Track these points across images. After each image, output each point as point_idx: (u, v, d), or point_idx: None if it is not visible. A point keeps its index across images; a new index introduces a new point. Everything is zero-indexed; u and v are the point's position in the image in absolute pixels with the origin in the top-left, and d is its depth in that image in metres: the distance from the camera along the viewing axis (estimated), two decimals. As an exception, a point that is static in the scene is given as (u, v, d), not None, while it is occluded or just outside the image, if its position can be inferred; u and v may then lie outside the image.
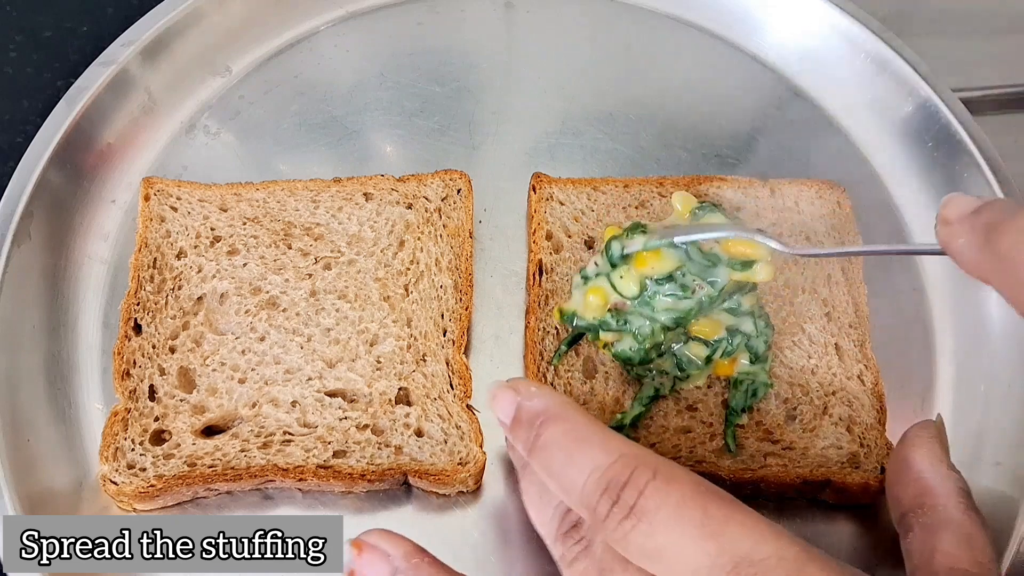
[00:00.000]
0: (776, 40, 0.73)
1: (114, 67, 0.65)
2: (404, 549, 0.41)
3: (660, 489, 0.38)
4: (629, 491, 0.38)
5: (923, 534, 0.44)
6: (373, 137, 0.69)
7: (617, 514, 0.38)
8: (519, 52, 0.73)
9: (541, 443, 0.41)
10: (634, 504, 0.38)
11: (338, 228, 0.62)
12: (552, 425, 0.41)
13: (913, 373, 0.61)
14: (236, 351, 0.57)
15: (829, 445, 0.56)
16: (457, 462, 0.54)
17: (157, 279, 0.60)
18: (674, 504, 0.37)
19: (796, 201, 0.64)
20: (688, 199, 0.60)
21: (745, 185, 0.64)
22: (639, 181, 0.65)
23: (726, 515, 0.37)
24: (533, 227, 0.63)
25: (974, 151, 0.64)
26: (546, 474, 0.41)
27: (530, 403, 0.43)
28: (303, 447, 0.54)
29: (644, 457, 0.39)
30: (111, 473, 0.53)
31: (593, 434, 0.41)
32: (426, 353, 0.58)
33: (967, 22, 0.78)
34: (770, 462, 0.55)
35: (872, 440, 0.56)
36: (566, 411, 0.42)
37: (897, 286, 0.64)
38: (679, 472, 0.39)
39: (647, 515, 0.37)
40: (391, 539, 0.41)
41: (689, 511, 0.37)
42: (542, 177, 0.65)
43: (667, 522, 0.37)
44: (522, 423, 0.43)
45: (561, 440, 0.41)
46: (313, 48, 0.72)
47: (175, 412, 0.55)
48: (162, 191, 0.63)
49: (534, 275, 0.61)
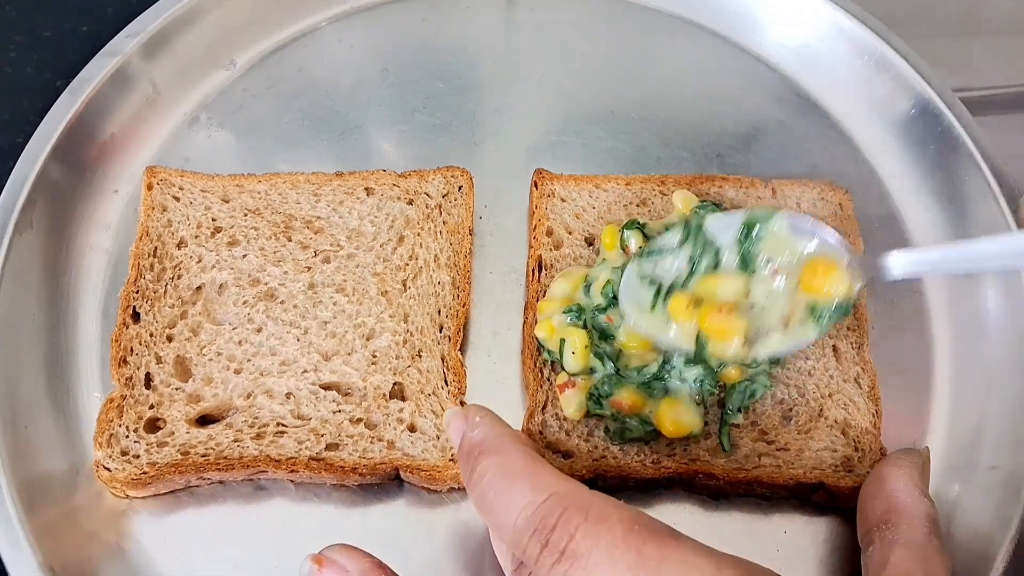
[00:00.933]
0: (777, 40, 0.73)
1: (118, 58, 0.66)
2: (363, 565, 0.41)
3: (591, 532, 0.37)
4: (559, 533, 0.37)
5: (881, 548, 0.44)
6: (375, 132, 0.69)
7: (548, 558, 0.37)
8: (521, 50, 0.73)
9: (475, 477, 0.41)
10: (564, 548, 0.37)
11: (338, 222, 0.62)
12: (485, 459, 0.41)
13: (911, 376, 0.60)
14: (233, 341, 0.58)
15: (824, 448, 0.55)
16: (449, 458, 0.54)
17: (157, 268, 0.60)
18: (606, 547, 0.37)
19: (798, 202, 0.64)
20: (689, 198, 0.60)
21: (747, 185, 0.64)
22: (641, 179, 0.65)
23: (660, 555, 0.37)
24: (534, 223, 0.63)
25: (974, 151, 0.64)
26: (480, 509, 0.41)
27: (471, 434, 0.42)
28: (296, 439, 0.55)
29: (575, 496, 0.39)
30: (105, 459, 0.53)
31: (525, 470, 0.40)
32: (422, 349, 0.58)
33: (967, 22, 0.78)
34: (764, 462, 0.55)
35: (867, 444, 0.56)
36: (503, 444, 0.41)
37: (896, 288, 0.63)
38: (611, 511, 0.38)
39: (580, 559, 0.37)
40: (351, 554, 0.41)
41: (622, 553, 0.36)
42: (544, 173, 0.65)
43: (600, 565, 0.36)
44: (462, 454, 0.42)
45: (493, 475, 0.40)
46: (317, 43, 0.73)
47: (170, 400, 0.56)
48: (165, 180, 0.63)
49: (533, 271, 0.61)
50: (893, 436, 0.57)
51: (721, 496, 0.56)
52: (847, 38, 0.71)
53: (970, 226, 0.64)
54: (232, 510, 0.55)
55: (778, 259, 0.49)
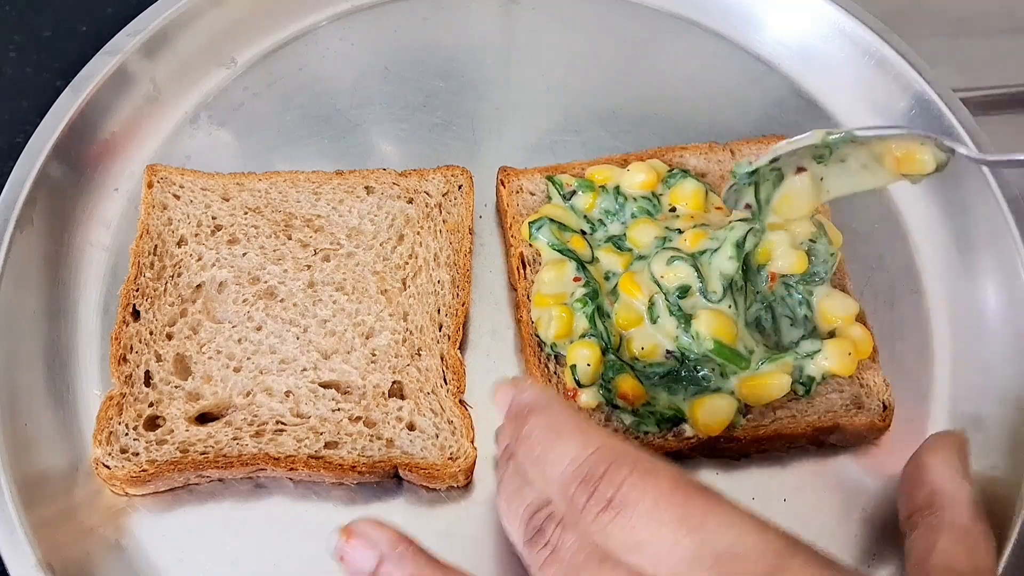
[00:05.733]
0: (777, 39, 0.73)
1: (119, 57, 0.65)
2: (390, 537, 0.42)
3: (638, 483, 0.38)
4: (606, 483, 0.38)
5: (926, 533, 0.44)
6: (375, 131, 0.69)
7: (594, 506, 0.38)
8: (522, 49, 0.73)
9: (524, 433, 0.42)
10: (612, 497, 0.38)
11: (338, 220, 0.62)
12: (534, 416, 0.42)
13: (910, 376, 0.60)
14: (232, 340, 0.58)
15: (831, 390, 0.56)
16: (448, 457, 0.54)
17: (157, 266, 0.60)
18: (653, 498, 0.37)
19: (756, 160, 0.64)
20: (660, 167, 0.62)
21: (706, 151, 0.65)
22: (603, 161, 0.64)
23: (706, 508, 0.37)
24: (508, 221, 0.63)
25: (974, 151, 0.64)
26: (529, 463, 0.42)
27: (521, 396, 0.43)
28: (295, 437, 0.55)
29: (623, 450, 0.39)
30: (104, 457, 0.53)
31: (574, 426, 0.41)
32: (421, 347, 0.58)
33: (967, 22, 0.78)
34: (780, 415, 0.55)
35: (870, 378, 0.56)
36: (552, 403, 0.43)
37: (896, 288, 0.64)
38: (658, 465, 0.39)
39: (626, 509, 0.37)
40: (379, 527, 0.43)
41: (669, 505, 0.37)
42: (509, 171, 0.64)
43: (646, 516, 0.37)
44: (511, 416, 0.43)
45: (543, 430, 0.41)
46: (318, 41, 0.73)
47: (170, 398, 0.56)
48: (165, 179, 0.63)
49: (518, 269, 0.61)
50: (894, 436, 0.57)
51: (743, 456, 0.56)
52: (847, 38, 0.71)
53: (970, 226, 0.64)
54: (231, 508, 0.55)
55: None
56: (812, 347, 0.55)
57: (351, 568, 0.43)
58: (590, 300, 0.57)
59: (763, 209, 0.55)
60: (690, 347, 0.55)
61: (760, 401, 0.55)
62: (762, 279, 0.58)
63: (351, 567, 0.43)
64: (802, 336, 0.57)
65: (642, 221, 0.60)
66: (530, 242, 0.61)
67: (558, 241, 0.59)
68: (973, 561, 0.42)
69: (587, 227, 0.62)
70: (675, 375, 0.56)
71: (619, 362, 0.56)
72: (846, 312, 0.57)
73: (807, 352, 0.55)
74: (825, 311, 0.57)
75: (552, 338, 0.57)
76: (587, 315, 0.56)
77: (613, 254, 0.59)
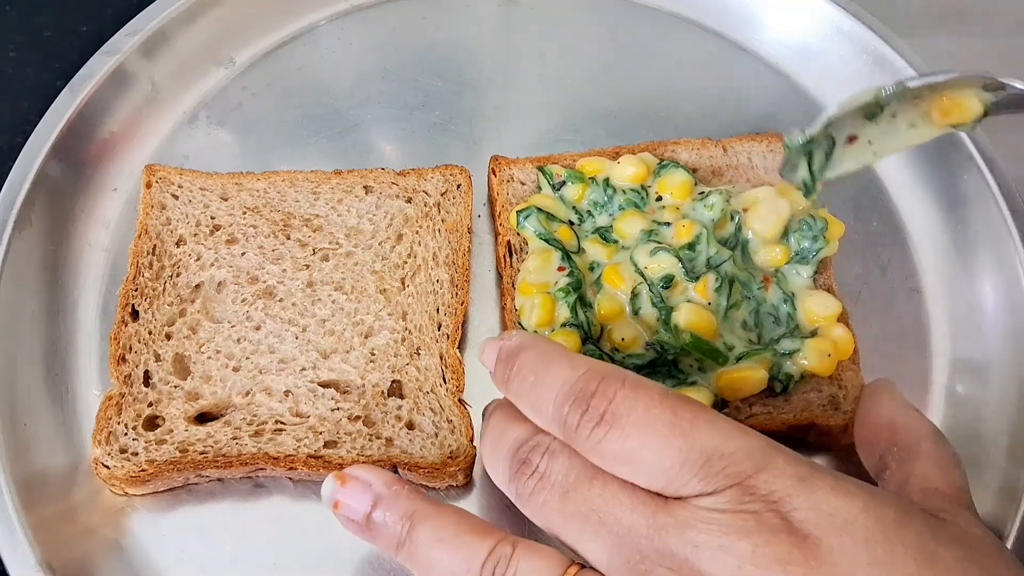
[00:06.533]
0: (777, 38, 0.73)
1: (117, 57, 0.65)
2: (385, 478, 0.44)
3: (629, 395, 0.39)
4: (598, 399, 0.39)
5: (898, 467, 0.45)
6: (374, 131, 0.69)
7: (588, 423, 0.39)
8: (521, 48, 0.73)
9: (514, 371, 0.43)
10: (604, 411, 0.38)
11: (337, 220, 0.62)
12: (524, 352, 0.43)
13: (910, 376, 0.60)
14: (231, 339, 0.58)
15: (809, 389, 0.56)
16: (447, 455, 0.54)
17: (156, 266, 0.60)
18: (643, 408, 0.38)
19: (749, 156, 0.65)
20: (650, 160, 0.62)
21: (698, 146, 0.65)
22: (595, 153, 0.64)
23: (694, 415, 0.38)
24: (498, 209, 0.63)
25: (973, 151, 0.64)
26: (518, 399, 0.42)
27: (507, 342, 0.44)
28: (294, 436, 0.55)
29: (611, 369, 0.40)
30: (103, 457, 0.53)
31: (562, 354, 0.42)
32: (420, 347, 0.58)
33: (967, 22, 0.77)
34: (756, 411, 0.55)
35: (849, 380, 0.56)
36: (539, 340, 0.44)
37: (896, 287, 0.64)
38: (646, 380, 0.40)
39: (619, 420, 0.38)
40: (372, 470, 0.44)
41: (658, 413, 0.38)
42: (500, 159, 0.65)
43: (638, 425, 0.38)
44: (502, 360, 0.44)
45: (531, 364, 0.42)
46: (316, 41, 0.73)
47: (169, 398, 0.56)
48: (164, 179, 0.63)
49: (504, 257, 0.61)
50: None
51: None
52: (847, 37, 0.71)
53: (969, 226, 0.64)
54: (230, 507, 0.55)
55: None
56: (792, 345, 0.56)
57: (347, 513, 0.43)
58: (572, 290, 0.57)
59: (816, 180, 0.54)
60: (669, 340, 0.55)
61: (736, 395, 0.55)
62: (756, 282, 0.58)
63: (347, 512, 0.43)
64: (783, 334, 0.57)
65: (629, 213, 0.60)
66: (517, 231, 0.61)
67: (545, 230, 0.59)
68: (948, 479, 0.43)
69: (575, 218, 0.62)
70: (654, 367, 0.56)
71: (598, 352, 0.56)
72: (829, 312, 0.57)
73: (787, 350, 0.56)
74: (808, 310, 0.57)
75: (534, 326, 0.57)
76: (569, 304, 0.56)
77: (599, 245, 0.60)
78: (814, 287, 0.58)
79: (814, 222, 0.58)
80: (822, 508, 0.36)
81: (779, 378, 0.56)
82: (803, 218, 0.58)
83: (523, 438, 0.42)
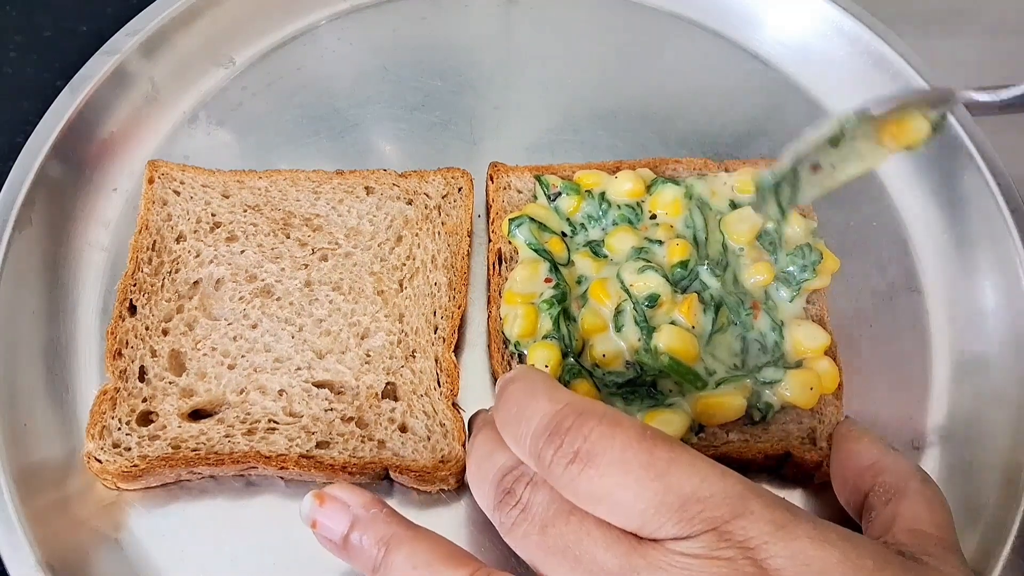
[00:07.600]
0: (776, 38, 0.73)
1: (117, 56, 0.66)
2: (363, 500, 0.44)
3: (606, 433, 0.38)
4: (573, 435, 0.39)
5: (884, 509, 0.45)
6: (374, 131, 0.69)
7: (561, 459, 0.38)
8: (521, 48, 0.73)
9: (501, 401, 0.43)
10: (579, 449, 0.38)
11: (337, 220, 0.62)
12: (512, 384, 0.43)
13: (909, 376, 0.60)
14: (228, 337, 0.58)
15: (789, 420, 0.55)
16: (439, 459, 0.54)
17: (155, 261, 0.60)
18: (619, 447, 0.38)
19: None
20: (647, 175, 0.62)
21: (700, 167, 0.64)
22: (595, 166, 0.64)
23: (671, 456, 0.38)
24: (492, 216, 0.62)
25: (973, 151, 0.63)
26: (503, 429, 0.43)
27: (507, 373, 0.45)
28: (287, 436, 0.55)
29: (590, 405, 0.40)
30: (96, 451, 0.54)
31: (545, 389, 0.42)
32: (416, 349, 0.58)
33: (967, 22, 0.77)
34: (732, 438, 0.54)
35: (829, 416, 0.55)
36: (529, 372, 0.44)
37: (896, 287, 0.63)
38: (624, 418, 0.39)
39: (593, 459, 0.38)
40: (351, 490, 0.44)
41: (635, 453, 0.38)
42: (499, 166, 0.64)
43: (613, 465, 0.38)
44: (497, 391, 0.45)
45: (516, 395, 0.42)
46: (316, 41, 0.73)
47: (163, 394, 0.56)
48: (166, 175, 0.64)
49: (494, 264, 0.61)
50: (893, 436, 0.56)
51: None
52: (846, 37, 0.70)
53: (968, 226, 0.63)
54: (222, 505, 0.55)
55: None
56: (774, 375, 0.55)
57: (325, 533, 0.44)
58: (557, 302, 0.56)
59: (786, 214, 0.54)
60: (648, 361, 0.55)
61: (713, 420, 0.54)
62: (745, 308, 0.57)
63: (324, 532, 0.44)
64: (767, 362, 0.56)
65: (622, 229, 0.60)
66: (509, 239, 0.60)
67: (535, 241, 0.59)
68: (935, 519, 0.43)
69: (568, 229, 0.61)
70: (633, 385, 0.55)
71: (578, 367, 0.55)
72: (816, 344, 0.56)
73: (768, 379, 0.55)
74: (796, 340, 0.56)
75: (516, 336, 0.57)
76: (552, 316, 0.56)
77: (589, 259, 0.59)
78: (804, 317, 0.58)
79: (809, 251, 0.58)
80: (799, 557, 0.36)
81: (758, 406, 0.55)
82: (800, 244, 0.58)
83: (508, 466, 0.42)
